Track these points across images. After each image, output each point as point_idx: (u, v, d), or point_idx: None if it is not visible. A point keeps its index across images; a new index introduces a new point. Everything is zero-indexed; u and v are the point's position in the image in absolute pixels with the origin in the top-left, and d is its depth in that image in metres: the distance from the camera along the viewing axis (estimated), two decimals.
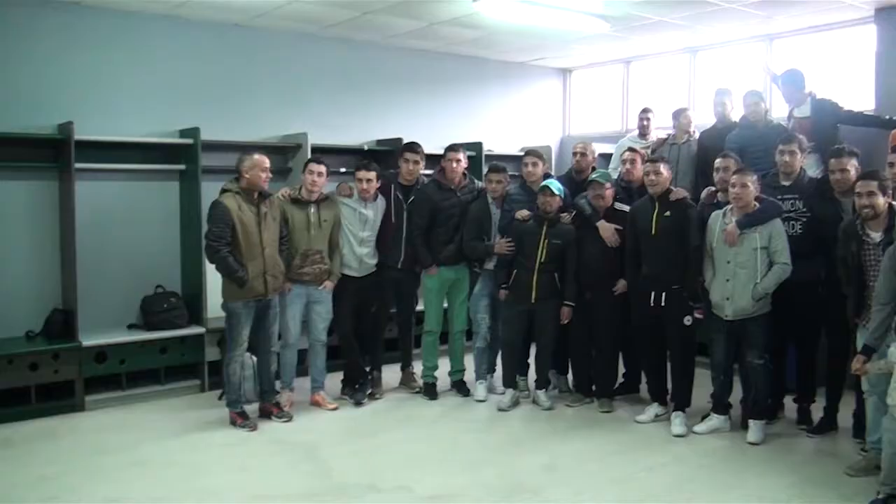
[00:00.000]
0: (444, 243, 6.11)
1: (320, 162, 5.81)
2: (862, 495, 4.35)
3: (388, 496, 4.40)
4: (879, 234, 4.53)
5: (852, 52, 7.05)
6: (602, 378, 6.05)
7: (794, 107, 6.32)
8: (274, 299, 5.60)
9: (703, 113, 7.38)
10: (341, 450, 5.12)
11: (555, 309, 5.87)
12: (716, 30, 7.42)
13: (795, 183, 5.41)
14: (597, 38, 7.63)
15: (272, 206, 5.52)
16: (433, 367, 6.32)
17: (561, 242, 5.80)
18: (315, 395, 6.04)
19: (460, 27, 7.22)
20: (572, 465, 4.88)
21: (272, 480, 4.61)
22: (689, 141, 6.92)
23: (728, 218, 5.20)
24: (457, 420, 5.79)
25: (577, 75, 9.53)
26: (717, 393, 5.48)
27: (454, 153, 6.11)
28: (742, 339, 5.28)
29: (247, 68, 7.17)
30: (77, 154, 5.90)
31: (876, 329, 4.36)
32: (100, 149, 6.20)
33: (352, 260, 5.97)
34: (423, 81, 8.32)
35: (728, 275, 5.17)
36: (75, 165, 5.90)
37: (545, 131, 9.31)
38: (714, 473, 4.76)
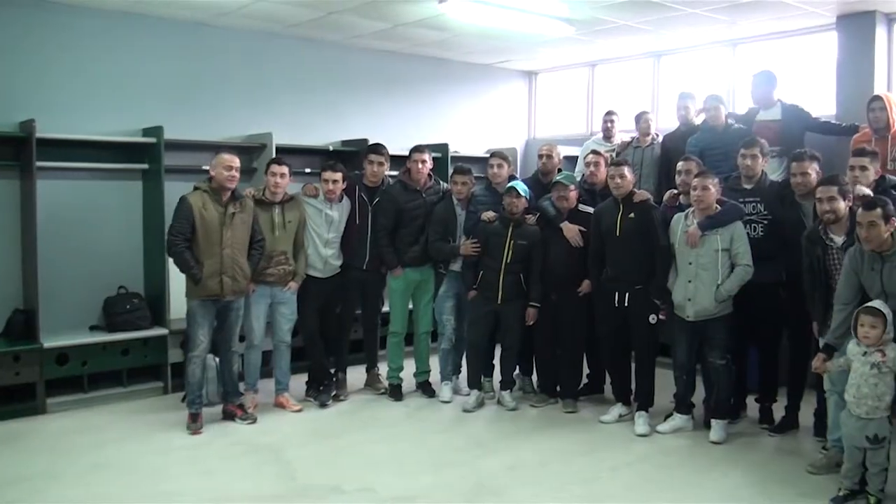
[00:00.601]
0: (410, 244, 6.11)
1: (282, 163, 5.79)
2: (823, 493, 4.42)
3: (352, 498, 4.38)
4: (842, 238, 4.60)
5: (814, 59, 7.16)
6: (566, 379, 6.08)
7: (760, 109, 6.41)
8: (236, 301, 5.56)
9: (667, 116, 7.46)
10: (305, 451, 5.10)
11: (520, 310, 5.90)
12: (680, 34, 7.51)
13: (757, 186, 5.48)
14: (562, 41, 7.68)
15: (243, 207, 5.48)
16: (398, 369, 6.32)
17: (527, 243, 5.83)
18: (279, 397, 6.01)
19: (426, 28, 7.22)
20: (536, 465, 4.89)
21: (236, 483, 4.58)
22: (652, 144, 6.99)
23: (690, 220, 5.26)
24: (422, 421, 5.79)
25: (543, 78, 9.58)
26: (679, 393, 5.54)
27: (419, 154, 6.12)
28: (704, 339, 5.34)
29: (211, 67, 7.12)
30: (39, 152, 5.82)
31: (837, 328, 4.43)
32: (62, 147, 6.11)
33: (316, 261, 5.96)
34: (388, 82, 8.32)
35: (690, 276, 5.23)
36: (37, 164, 5.83)
37: (511, 133, 9.36)
38: (676, 472, 4.81)
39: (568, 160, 7.67)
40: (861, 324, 4.19)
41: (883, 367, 4.12)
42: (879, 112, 5.72)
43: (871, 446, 4.18)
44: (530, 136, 9.59)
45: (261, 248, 5.61)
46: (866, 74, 6.48)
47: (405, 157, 6.30)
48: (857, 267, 4.36)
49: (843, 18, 6.60)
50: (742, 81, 7.62)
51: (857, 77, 6.51)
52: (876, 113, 5.74)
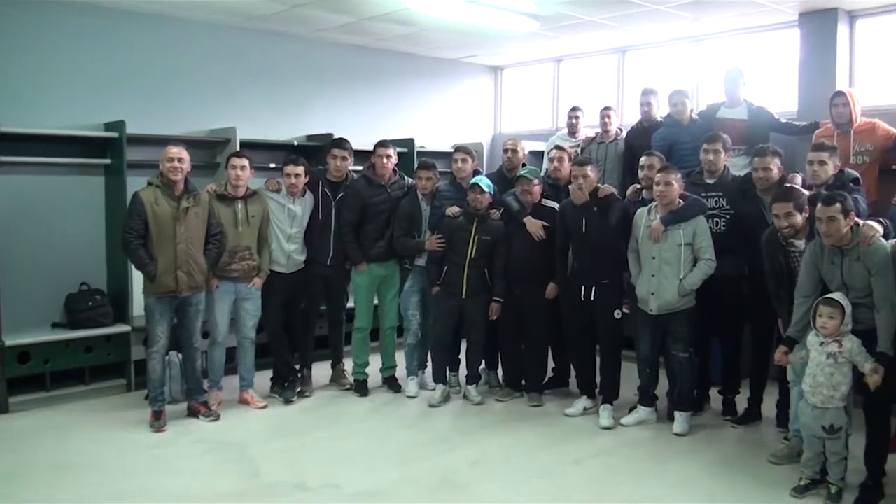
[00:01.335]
0: (374, 240, 6.10)
1: (242, 156, 5.75)
2: (785, 482, 4.49)
3: (316, 494, 4.37)
4: (803, 243, 4.64)
5: (777, 55, 7.24)
6: (532, 372, 6.11)
7: (723, 105, 6.48)
8: (194, 297, 5.50)
9: (631, 112, 7.50)
10: (270, 448, 5.07)
11: (485, 304, 5.92)
12: (644, 30, 7.55)
13: (719, 181, 5.54)
14: (527, 36, 7.69)
15: (198, 202, 5.43)
16: (364, 364, 6.30)
17: (490, 238, 5.84)
18: (244, 394, 5.97)
19: (391, 23, 7.20)
20: (501, 458, 4.91)
21: (199, 481, 4.54)
22: (616, 139, 7.03)
23: (653, 215, 5.30)
24: (387, 416, 5.79)
25: (509, 73, 9.60)
26: (643, 386, 5.59)
27: (384, 149, 6.10)
28: (667, 332, 5.39)
29: (174, 61, 7.04)
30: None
31: (798, 321, 4.49)
32: (22, 141, 6.02)
33: (280, 256, 5.93)
34: (354, 77, 8.29)
35: (653, 270, 5.28)
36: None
37: (477, 128, 9.37)
38: (640, 464, 4.85)
39: (534, 155, 7.70)
40: (819, 314, 4.26)
41: (839, 358, 4.19)
42: (842, 108, 5.79)
43: (827, 436, 4.25)
44: (496, 131, 9.61)
45: (218, 243, 5.56)
46: (828, 71, 6.56)
47: (370, 152, 6.27)
48: (817, 261, 4.41)
49: (806, 15, 6.67)
50: (706, 77, 7.70)
51: (819, 73, 6.59)
52: (839, 108, 5.81)
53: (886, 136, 5.73)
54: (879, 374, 4.05)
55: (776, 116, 6.38)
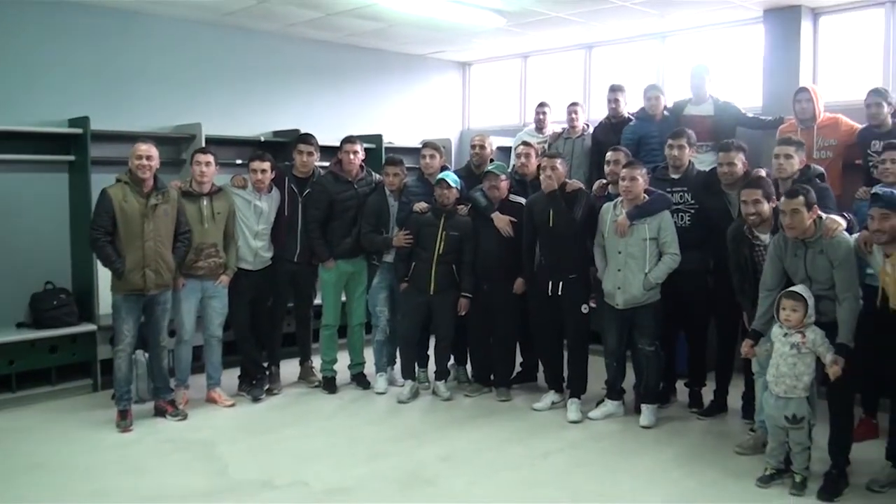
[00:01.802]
0: (342, 236, 6.08)
1: (207, 151, 5.72)
2: (751, 472, 4.55)
3: (284, 493, 4.35)
4: (768, 236, 4.70)
5: (742, 51, 7.31)
6: (500, 367, 6.12)
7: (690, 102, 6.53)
8: (162, 295, 5.45)
9: (598, 108, 7.54)
10: (238, 447, 5.04)
11: (453, 300, 5.93)
12: (610, 26, 7.59)
13: (684, 176, 5.59)
14: (495, 32, 7.70)
15: (166, 199, 5.38)
16: (332, 361, 6.29)
17: (458, 234, 5.85)
18: (211, 392, 5.93)
19: (359, 19, 7.17)
20: (469, 453, 4.92)
21: (167, 480, 4.51)
22: (583, 135, 7.06)
23: (619, 210, 5.34)
24: (356, 413, 5.78)
25: (477, 69, 9.61)
26: (610, 379, 5.63)
27: (351, 145, 6.08)
28: (634, 326, 5.43)
29: (140, 56, 6.95)
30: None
31: (763, 314, 4.55)
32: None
33: (247, 253, 5.89)
34: (322, 72, 8.25)
35: (619, 265, 5.31)
36: None
37: (445, 124, 9.37)
38: (607, 457, 4.89)
39: (502, 151, 7.71)
40: (783, 307, 4.32)
41: (802, 349, 4.26)
42: (806, 103, 5.87)
43: (790, 426, 4.31)
44: (464, 126, 9.62)
45: (186, 241, 5.52)
46: (792, 67, 6.64)
47: (337, 148, 6.25)
48: (781, 254, 4.48)
49: (770, 12, 6.75)
50: (672, 73, 7.76)
51: (783, 69, 6.67)
52: (802, 104, 5.89)
53: (849, 131, 5.81)
54: (839, 365, 4.12)
55: (742, 112, 6.45)
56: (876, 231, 4.03)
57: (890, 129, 5.48)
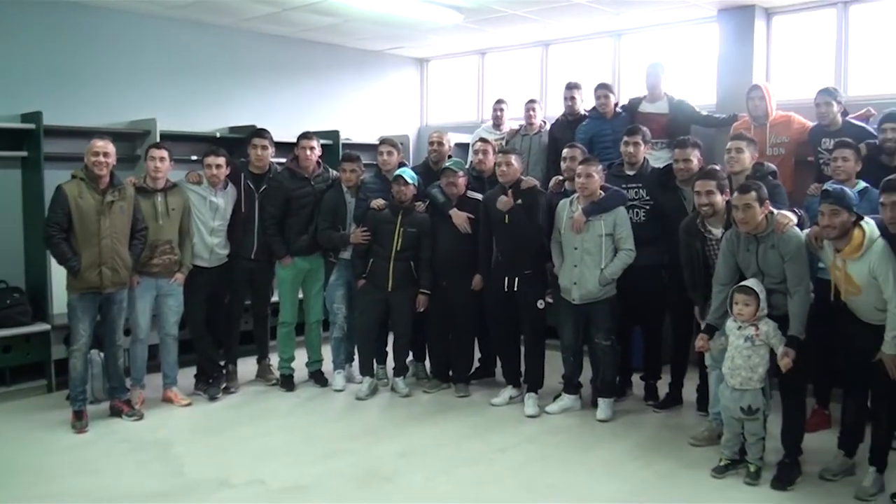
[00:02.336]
0: (299, 233, 6.04)
1: (162, 147, 5.64)
2: (705, 463, 4.63)
3: (241, 492, 4.32)
4: (720, 230, 4.77)
5: (696, 49, 7.39)
6: (458, 363, 6.14)
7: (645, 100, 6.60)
8: (118, 293, 5.38)
9: (555, 105, 7.58)
10: (194, 446, 4.99)
11: (411, 297, 5.93)
12: (566, 24, 7.64)
13: (639, 172, 5.66)
14: (452, 28, 7.70)
15: (123, 195, 5.29)
16: (290, 359, 6.26)
17: (416, 231, 5.85)
18: (167, 392, 5.86)
19: (315, 14, 7.13)
20: (427, 449, 4.93)
21: (123, 481, 4.45)
22: (540, 132, 7.10)
23: (575, 206, 5.38)
24: (313, 411, 5.75)
25: (434, 65, 9.61)
26: (567, 374, 5.68)
27: (307, 141, 6.05)
28: (590, 321, 5.48)
29: (93, 50, 6.84)
30: None
31: (716, 309, 4.63)
32: None
33: (202, 250, 5.82)
34: (278, 68, 8.20)
35: (575, 261, 5.36)
36: None
37: (403, 121, 9.35)
38: (564, 450, 4.93)
39: (460, 147, 7.73)
40: (735, 302, 4.40)
41: (756, 341, 4.34)
42: (758, 101, 5.96)
43: (746, 417, 4.39)
44: (422, 123, 9.61)
45: (143, 238, 5.45)
46: (745, 65, 6.73)
47: (294, 145, 6.21)
48: (733, 248, 4.55)
49: (725, 11, 6.83)
50: (627, 71, 7.83)
51: (736, 67, 6.76)
52: (755, 102, 5.98)
53: (801, 128, 5.91)
54: (790, 357, 4.20)
55: (696, 109, 6.53)
56: (826, 227, 4.10)
57: (840, 127, 5.58)
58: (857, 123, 5.65)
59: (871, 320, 4.18)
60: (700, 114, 6.53)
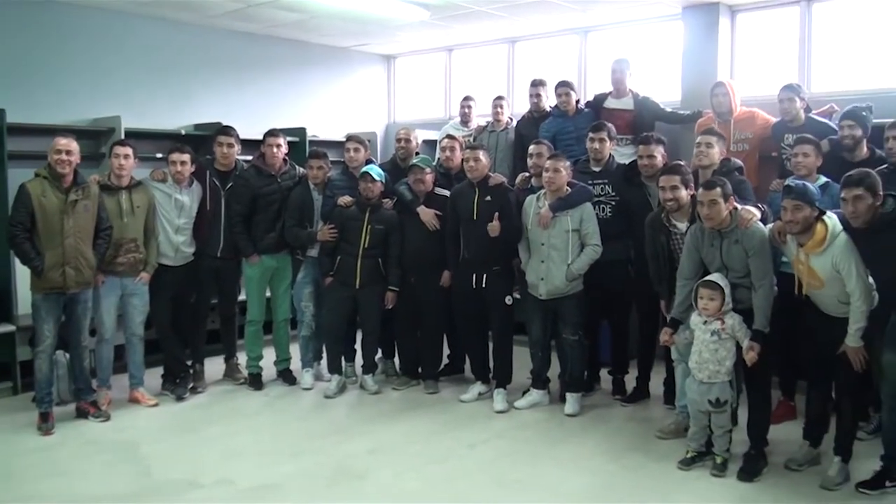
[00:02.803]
0: (265, 231, 6.02)
1: (126, 144, 5.59)
2: (672, 455, 4.68)
3: (210, 492, 4.30)
4: (685, 225, 4.82)
5: (661, 46, 7.44)
6: (427, 360, 6.15)
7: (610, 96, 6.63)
8: (83, 293, 5.32)
9: (522, 102, 7.60)
10: (162, 447, 4.96)
11: (379, 294, 5.92)
12: (533, 21, 7.66)
13: (605, 168, 5.70)
14: (419, 25, 7.69)
15: (87, 194, 5.23)
16: (258, 358, 6.23)
17: (384, 228, 5.84)
18: (134, 392, 5.80)
19: (281, 10, 7.09)
20: (397, 446, 4.94)
21: (90, 483, 4.41)
22: (507, 128, 7.12)
23: (542, 202, 5.41)
24: (282, 410, 5.73)
25: (401, 62, 9.59)
26: (535, 369, 5.71)
27: (274, 138, 6.02)
28: (557, 317, 5.52)
29: (56, 46, 6.75)
30: None
31: (681, 303, 4.69)
32: None
33: (168, 249, 5.77)
34: (244, 65, 8.14)
35: (542, 256, 5.39)
36: None
37: (370, 117, 9.33)
38: (533, 445, 4.96)
39: (427, 144, 7.73)
40: (700, 297, 4.45)
41: (722, 334, 4.39)
42: (722, 97, 6.02)
43: (713, 409, 4.45)
44: (390, 120, 9.59)
45: (108, 238, 5.39)
46: (710, 62, 6.78)
47: (260, 142, 6.17)
48: (697, 243, 4.61)
49: (689, 9, 6.89)
50: (593, 68, 7.87)
51: (701, 64, 6.81)
52: (719, 98, 6.04)
53: (764, 124, 5.98)
54: (755, 351, 4.26)
55: (661, 106, 6.59)
56: (789, 222, 4.16)
57: (803, 123, 5.65)
58: (820, 119, 5.72)
59: (834, 313, 4.26)
60: (665, 110, 6.59)
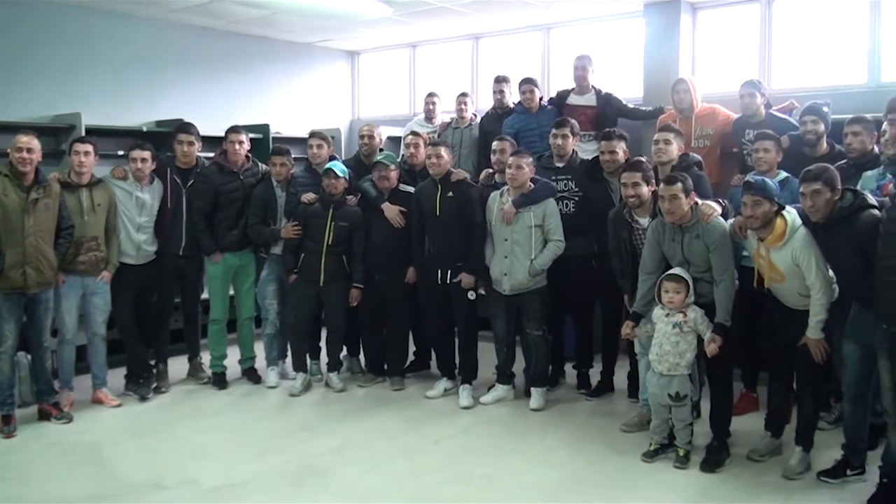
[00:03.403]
0: (228, 228, 5.98)
1: (86, 141, 5.52)
2: (636, 448, 4.73)
3: (174, 492, 4.26)
4: (647, 220, 4.88)
5: (623, 43, 7.49)
6: (393, 357, 6.14)
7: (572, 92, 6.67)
8: (44, 294, 5.24)
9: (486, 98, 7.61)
10: (125, 448, 4.91)
11: (344, 291, 5.91)
12: (496, 17, 7.69)
13: (568, 164, 5.74)
14: (382, 21, 7.67)
15: (48, 193, 5.16)
16: (221, 357, 6.19)
17: (347, 225, 5.83)
18: (97, 393, 5.73)
19: (243, 5, 7.03)
20: (363, 444, 4.93)
21: (53, 485, 4.36)
22: (471, 125, 7.13)
23: (505, 198, 5.43)
24: (247, 408, 5.70)
25: (365, 58, 9.56)
26: (500, 364, 5.73)
27: (236, 135, 5.98)
28: (521, 312, 5.55)
29: (15, 42, 6.65)
30: None
31: (643, 297, 4.74)
32: None
33: (129, 247, 5.71)
34: (207, 61, 8.07)
35: (506, 252, 5.41)
36: None
37: (335, 114, 9.30)
38: (498, 440, 4.99)
39: (392, 141, 7.72)
40: (665, 290, 4.50)
41: (684, 327, 4.45)
42: (684, 94, 6.08)
43: (673, 403, 4.50)
44: (354, 116, 9.57)
45: (69, 237, 5.31)
46: (672, 59, 6.84)
47: (223, 139, 6.13)
48: (659, 238, 4.66)
49: (651, 6, 6.95)
50: (556, 64, 7.90)
51: (663, 61, 6.87)
52: (680, 95, 6.09)
53: (726, 120, 6.05)
54: (717, 343, 4.32)
55: (623, 102, 6.63)
56: (749, 217, 4.21)
57: (763, 119, 5.72)
58: (781, 115, 5.80)
59: (795, 306, 4.33)
60: (627, 106, 6.63)
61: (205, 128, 6.18)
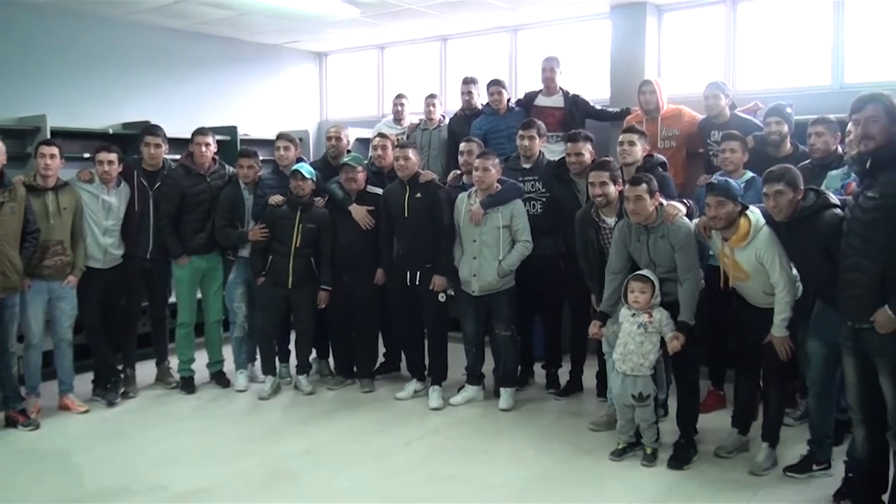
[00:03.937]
0: (195, 231, 5.94)
1: (52, 143, 5.45)
2: (604, 447, 4.78)
3: (143, 497, 4.24)
4: (613, 220, 4.92)
5: (590, 45, 7.55)
6: (362, 359, 6.14)
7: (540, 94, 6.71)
8: (9, 299, 5.18)
9: (454, 99, 7.64)
10: (93, 454, 4.87)
11: (312, 293, 5.89)
12: (464, 19, 7.71)
13: (535, 165, 5.77)
14: (350, 22, 7.67)
15: (13, 196, 5.09)
16: (189, 361, 6.14)
17: (315, 227, 5.82)
18: (64, 399, 5.67)
19: (210, 6, 7.00)
20: (332, 446, 4.94)
21: (19, 493, 4.31)
22: (440, 126, 7.15)
23: (473, 199, 5.46)
24: (215, 413, 5.68)
25: (333, 59, 9.55)
26: (470, 365, 5.76)
27: (203, 137, 5.94)
28: (490, 312, 5.58)
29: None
30: None
31: (610, 296, 4.78)
32: None
33: (96, 251, 5.65)
34: (173, 62, 8.03)
35: (474, 253, 5.44)
36: None
37: (302, 115, 9.27)
38: (467, 441, 5.01)
39: (361, 142, 7.72)
40: (631, 290, 4.54)
41: (649, 328, 4.49)
42: (650, 95, 6.13)
43: (637, 403, 4.55)
44: (322, 118, 9.55)
45: (35, 241, 5.25)
46: (638, 60, 6.90)
47: (189, 141, 6.09)
48: (625, 239, 4.70)
49: (617, 8, 7.00)
50: (524, 66, 7.94)
51: (629, 63, 6.92)
52: (647, 96, 6.14)
53: (691, 121, 6.11)
54: (679, 341, 4.38)
55: (591, 104, 6.68)
56: (713, 217, 4.27)
57: (728, 119, 5.79)
58: (745, 116, 5.88)
59: (760, 304, 4.40)
60: (595, 108, 6.68)
61: (171, 130, 6.13)
